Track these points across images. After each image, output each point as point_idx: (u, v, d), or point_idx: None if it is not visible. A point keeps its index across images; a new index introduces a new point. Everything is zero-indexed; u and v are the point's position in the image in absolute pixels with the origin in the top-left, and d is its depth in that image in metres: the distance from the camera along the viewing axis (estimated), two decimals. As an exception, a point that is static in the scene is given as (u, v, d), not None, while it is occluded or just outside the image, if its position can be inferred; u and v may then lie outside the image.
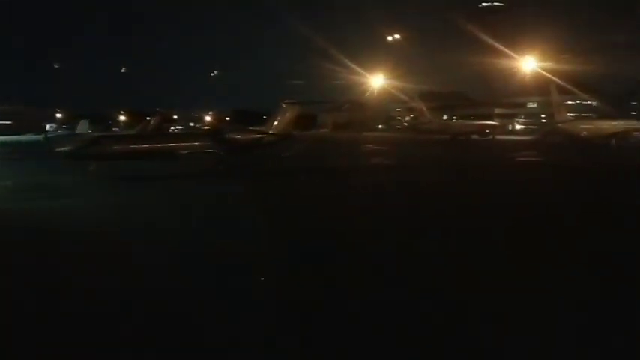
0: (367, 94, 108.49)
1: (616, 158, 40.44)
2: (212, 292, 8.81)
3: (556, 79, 79.32)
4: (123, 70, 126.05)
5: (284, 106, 32.59)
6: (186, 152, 28.46)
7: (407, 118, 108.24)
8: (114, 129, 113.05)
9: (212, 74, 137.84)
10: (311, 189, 22.49)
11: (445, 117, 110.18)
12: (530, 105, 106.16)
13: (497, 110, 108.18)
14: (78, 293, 8.87)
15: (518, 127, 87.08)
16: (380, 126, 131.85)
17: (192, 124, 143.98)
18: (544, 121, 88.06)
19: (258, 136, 31.46)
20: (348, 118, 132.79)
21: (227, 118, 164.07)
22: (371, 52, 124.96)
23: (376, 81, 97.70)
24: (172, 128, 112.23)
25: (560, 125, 60.80)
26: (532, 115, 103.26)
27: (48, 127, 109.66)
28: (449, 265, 10.20)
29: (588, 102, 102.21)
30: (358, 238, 12.51)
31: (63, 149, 33.01)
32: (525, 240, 12.22)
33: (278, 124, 32.18)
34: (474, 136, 74.47)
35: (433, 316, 7.62)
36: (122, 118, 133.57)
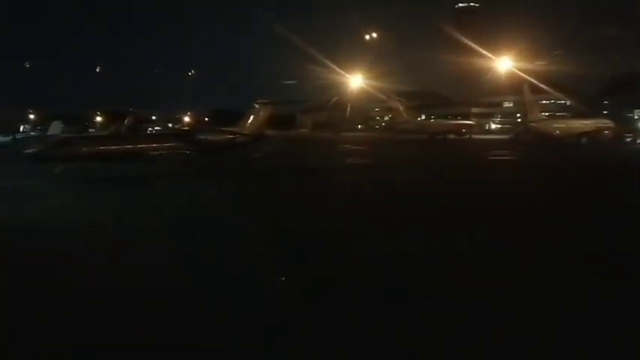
0: (346, 93, 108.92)
1: (584, 157, 41.20)
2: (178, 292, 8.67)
3: (531, 79, 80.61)
4: (97, 70, 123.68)
5: (257, 106, 32.43)
6: (156, 153, 28.08)
7: (385, 118, 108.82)
8: (90, 130, 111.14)
9: (189, 74, 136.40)
10: (279, 189, 22.36)
11: (423, 116, 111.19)
12: (507, 104, 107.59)
13: (474, 110, 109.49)
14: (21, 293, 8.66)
15: (493, 126, 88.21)
16: (359, 126, 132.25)
17: (170, 125, 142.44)
18: (519, 120, 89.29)
19: (231, 136, 31.24)
20: (327, 118, 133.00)
21: (206, 119, 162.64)
22: (349, 53, 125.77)
23: (355, 81, 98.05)
24: (150, 129, 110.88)
25: (533, 124, 61.69)
26: (508, 115, 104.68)
27: (21, 128, 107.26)
28: (418, 264, 10.21)
29: (562, 101, 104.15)
30: (319, 237, 12.46)
31: (30, 151, 32.23)
32: (499, 236, 12.41)
33: (251, 124, 32.00)
34: (451, 136, 75.23)
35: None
36: (98, 119, 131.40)
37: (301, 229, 13.39)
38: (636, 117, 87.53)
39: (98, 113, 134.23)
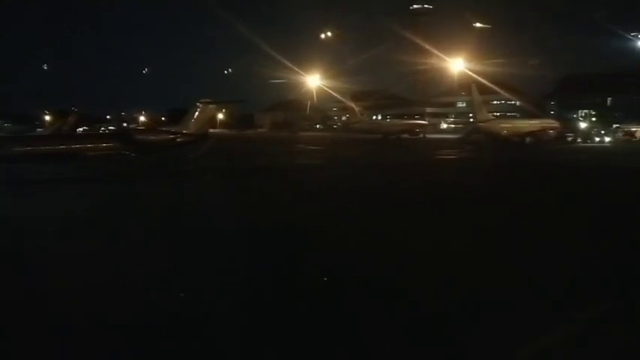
0: (304, 93, 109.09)
1: (521, 154, 42.68)
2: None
3: (482, 80, 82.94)
4: (45, 67, 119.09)
5: (198, 105, 32.06)
6: (93, 154, 27.43)
7: (343, 118, 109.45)
8: (38, 129, 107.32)
9: (144, 71, 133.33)
10: (211, 189, 22.11)
11: (380, 116, 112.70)
12: (460, 104, 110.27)
13: (428, 110, 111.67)
14: None
15: (444, 125, 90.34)
16: (318, 125, 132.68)
17: (125, 125, 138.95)
18: (471, 120, 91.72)
19: (172, 136, 30.79)
20: (285, 118, 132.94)
21: (163, 118, 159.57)
22: (307, 52, 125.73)
23: (313, 80, 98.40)
24: (102, 129, 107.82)
25: (481, 124, 63.38)
26: (461, 115, 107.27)
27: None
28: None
29: (513, 102, 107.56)
30: (240, 238, 12.35)
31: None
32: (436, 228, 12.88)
33: (193, 123, 31.62)
34: (405, 135, 76.53)
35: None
36: (47, 118, 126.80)
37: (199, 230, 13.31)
38: (579, 118, 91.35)
39: (46, 112, 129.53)
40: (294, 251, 10.97)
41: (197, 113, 31.80)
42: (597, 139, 65.03)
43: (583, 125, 70.99)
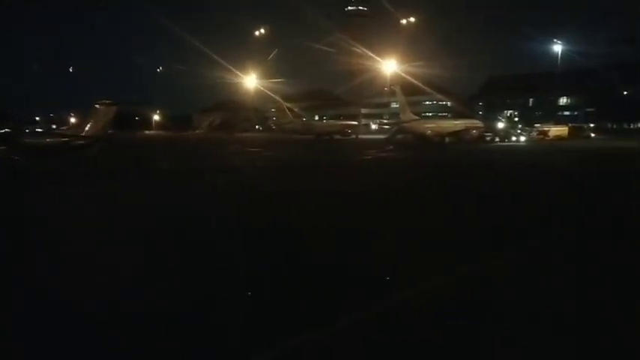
0: (243, 94, 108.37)
1: (438, 153, 44.16)
2: None
3: (414, 80, 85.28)
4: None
5: (98, 107, 30.96)
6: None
7: (274, 119, 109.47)
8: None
9: (70, 70, 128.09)
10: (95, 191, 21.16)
11: (317, 117, 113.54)
12: (394, 105, 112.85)
13: (364, 110, 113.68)
14: None
15: (373, 126, 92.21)
16: (258, 126, 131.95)
17: (54, 126, 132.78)
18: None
19: (65, 139, 29.57)
20: (223, 119, 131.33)
21: (72, 120, 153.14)
22: (246, 53, 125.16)
23: (251, 81, 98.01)
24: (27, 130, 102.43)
25: (405, 124, 65.08)
26: (394, 115, 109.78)
27: None
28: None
29: (444, 102, 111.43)
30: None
31: None
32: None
33: (92, 125, 30.51)
34: (337, 136, 77.42)
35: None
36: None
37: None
38: (502, 118, 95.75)
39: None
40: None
41: (96, 115, 30.72)
42: (514, 138, 68.22)
43: (500, 125, 74.26)
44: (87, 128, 30.58)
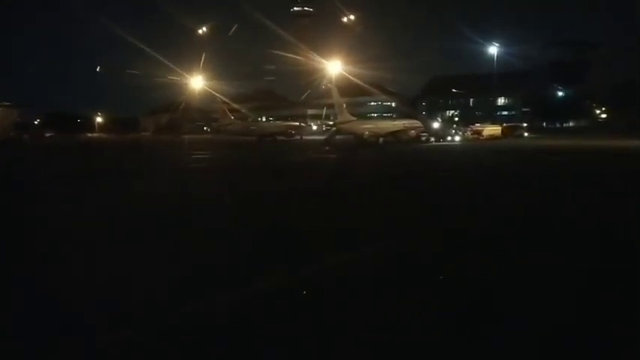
0: (190, 95, 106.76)
1: (362, 154, 44.96)
2: None
3: (359, 82, 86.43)
4: None
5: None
6: None
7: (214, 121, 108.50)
8: None
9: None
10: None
11: (264, 118, 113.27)
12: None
13: (310, 111, 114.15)
14: None
15: (314, 127, 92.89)
16: (205, 128, 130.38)
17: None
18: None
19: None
20: (170, 121, 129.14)
21: (35, 122, 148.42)
22: (191, 54, 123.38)
23: (197, 82, 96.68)
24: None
25: (342, 125, 65.85)
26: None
27: None
28: None
29: (388, 103, 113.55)
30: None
31: None
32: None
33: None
34: (281, 137, 77.43)
35: None
36: None
37: None
38: (444, 118, 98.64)
39: None
40: None
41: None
42: (449, 138, 70.19)
43: (436, 125, 76.28)
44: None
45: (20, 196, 17.93)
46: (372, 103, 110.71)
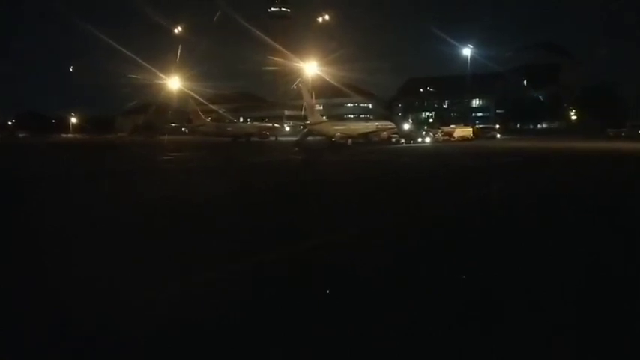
0: (167, 96, 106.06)
1: (326, 155, 45.03)
2: None
3: (335, 83, 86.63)
4: None
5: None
6: None
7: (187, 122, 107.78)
8: None
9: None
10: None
11: (242, 119, 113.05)
12: (317, 107, 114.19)
13: (287, 112, 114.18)
14: None
15: (287, 128, 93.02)
16: (183, 129, 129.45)
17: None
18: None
19: None
20: (147, 122, 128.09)
21: (9, 122, 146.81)
22: (169, 54, 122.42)
23: (175, 83, 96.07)
24: None
25: (315, 127, 66.01)
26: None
27: None
28: None
29: (365, 104, 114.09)
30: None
31: None
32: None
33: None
34: (255, 138, 77.40)
35: None
36: None
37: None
38: (420, 120, 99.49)
39: None
40: None
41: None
42: (419, 139, 70.77)
43: (406, 127, 76.93)
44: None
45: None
46: (349, 105, 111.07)
